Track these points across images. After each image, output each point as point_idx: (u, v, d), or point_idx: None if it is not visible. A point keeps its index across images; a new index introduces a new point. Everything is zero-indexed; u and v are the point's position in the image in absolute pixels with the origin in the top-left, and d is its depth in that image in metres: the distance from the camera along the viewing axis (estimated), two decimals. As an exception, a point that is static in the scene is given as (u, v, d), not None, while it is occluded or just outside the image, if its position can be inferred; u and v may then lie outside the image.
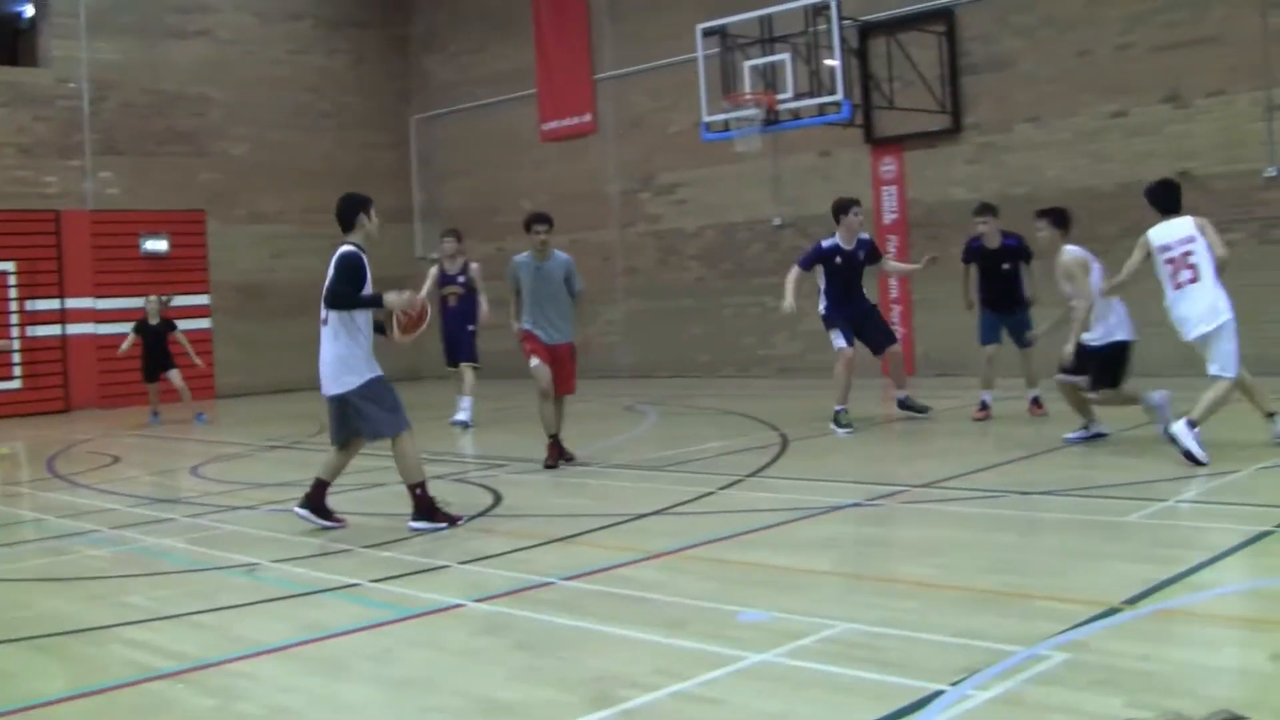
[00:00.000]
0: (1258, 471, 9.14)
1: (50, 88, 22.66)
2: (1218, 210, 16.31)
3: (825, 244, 13.48)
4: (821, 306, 13.66)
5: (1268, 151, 16.08)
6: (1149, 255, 10.30)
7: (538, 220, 11.73)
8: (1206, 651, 5.00)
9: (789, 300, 13.26)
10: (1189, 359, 10.97)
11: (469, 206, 25.92)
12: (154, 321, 18.86)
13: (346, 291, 8.88)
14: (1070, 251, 10.96)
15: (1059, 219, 11.42)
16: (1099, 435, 11.16)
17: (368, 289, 8.94)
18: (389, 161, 26.86)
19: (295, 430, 16.60)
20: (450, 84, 26.42)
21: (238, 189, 24.60)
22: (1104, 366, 10.58)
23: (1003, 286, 13.57)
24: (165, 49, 23.89)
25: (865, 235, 13.73)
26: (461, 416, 15.83)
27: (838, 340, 13.39)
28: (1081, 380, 10.73)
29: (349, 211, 9.29)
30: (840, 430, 12.99)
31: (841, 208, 13.56)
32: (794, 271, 13.56)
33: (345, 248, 9.07)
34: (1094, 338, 10.66)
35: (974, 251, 13.78)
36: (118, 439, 17.19)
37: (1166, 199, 10.37)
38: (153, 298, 19.16)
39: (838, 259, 13.42)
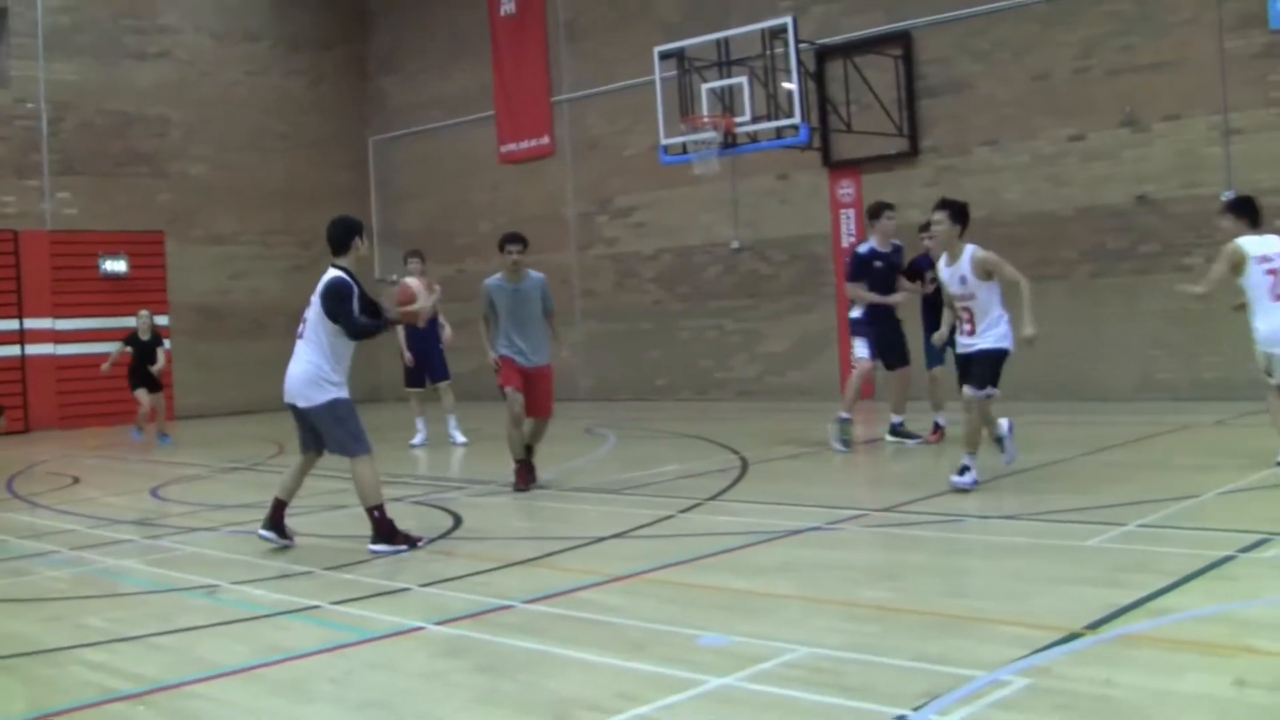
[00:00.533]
0: (1217, 496, 9.17)
1: (8, 107, 22.50)
2: (1176, 233, 16.53)
3: (862, 250, 13.27)
4: (857, 311, 13.42)
5: (1224, 175, 16.22)
6: (1237, 266, 10.08)
7: (511, 240, 11.42)
8: (1168, 677, 5.00)
9: (873, 297, 13.15)
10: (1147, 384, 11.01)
11: (427, 228, 25.86)
12: (145, 337, 18.70)
13: (363, 324, 8.92)
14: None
15: (1241, 209, 10.57)
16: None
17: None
18: (347, 182, 26.77)
19: (255, 452, 16.50)
20: (408, 105, 26.39)
21: (196, 209, 24.49)
22: (994, 370, 10.08)
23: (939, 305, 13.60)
24: (124, 70, 23.80)
25: (898, 241, 13.47)
26: (460, 438, 15.80)
27: (860, 349, 13.27)
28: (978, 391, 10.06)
29: (344, 235, 9.20)
30: (838, 444, 12.89)
31: (874, 211, 13.43)
32: (850, 289, 13.41)
33: (333, 274, 8.97)
34: (986, 343, 10.08)
35: (918, 268, 13.55)
36: (77, 460, 17.06)
37: (1255, 212, 10.29)
38: (144, 313, 18.99)
39: (877, 263, 13.17)
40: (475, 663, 5.83)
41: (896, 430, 13.66)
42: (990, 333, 10.09)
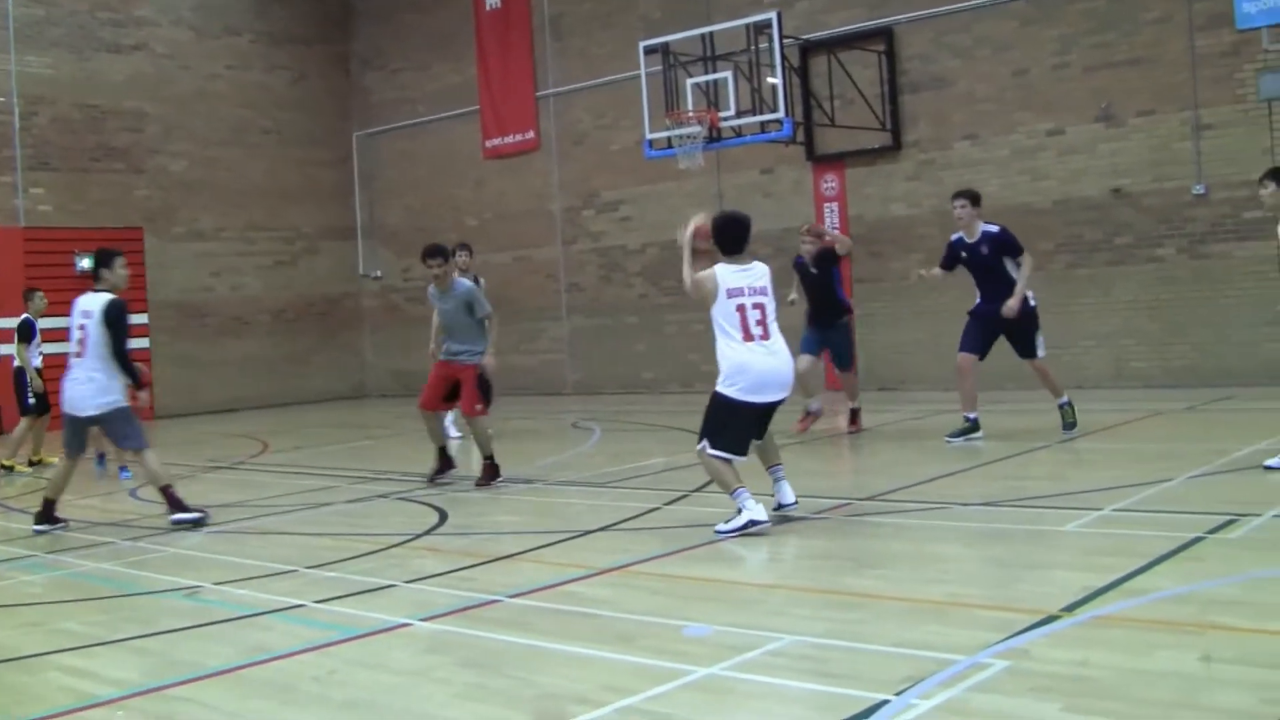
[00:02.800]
0: (1188, 480, 9.30)
1: (-21, 101, 22.11)
2: (1149, 226, 16.71)
3: (952, 238, 12.90)
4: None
5: (1195, 170, 16.40)
6: None
7: (430, 254, 11.98)
8: (1141, 656, 5.10)
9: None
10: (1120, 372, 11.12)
11: (412, 224, 25.88)
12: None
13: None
14: None
15: None
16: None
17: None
18: (331, 179, 26.72)
19: (236, 451, 16.48)
20: (392, 101, 26.37)
21: (176, 206, 24.25)
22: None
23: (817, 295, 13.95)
24: (99, 63, 23.41)
25: (993, 228, 12.58)
26: (455, 433, 15.71)
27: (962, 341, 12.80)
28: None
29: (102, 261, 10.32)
30: (959, 439, 12.40)
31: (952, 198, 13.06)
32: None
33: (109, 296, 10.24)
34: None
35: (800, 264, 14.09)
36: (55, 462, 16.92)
37: None
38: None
39: (963, 253, 12.70)
40: (461, 658, 5.86)
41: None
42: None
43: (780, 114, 17.09)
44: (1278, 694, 4.40)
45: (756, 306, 8.52)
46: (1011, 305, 12.11)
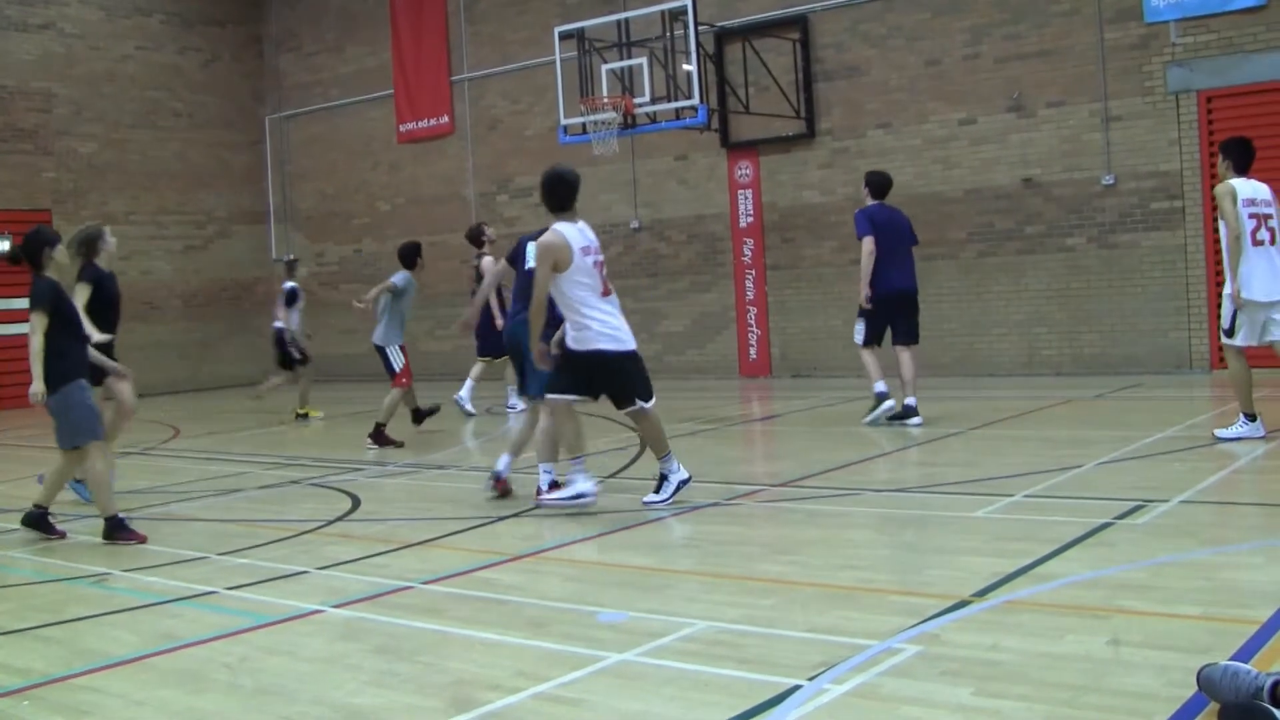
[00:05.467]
0: (1097, 466, 9.45)
1: (-124, 80, 21.51)
2: (1059, 215, 16.95)
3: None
4: None
5: (1104, 160, 16.63)
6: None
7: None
8: (1050, 640, 5.18)
9: None
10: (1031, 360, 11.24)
11: (325, 208, 25.67)
12: None
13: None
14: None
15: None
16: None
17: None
18: (243, 162, 26.37)
19: (148, 437, 16.25)
20: (306, 84, 26.07)
21: (85, 189, 23.78)
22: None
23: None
24: (6, 42, 22.83)
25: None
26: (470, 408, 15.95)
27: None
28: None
29: (35, 250, 9.08)
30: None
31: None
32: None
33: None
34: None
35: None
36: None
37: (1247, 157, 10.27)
38: None
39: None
40: (374, 645, 5.83)
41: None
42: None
43: (695, 100, 17.10)
44: (1183, 676, 4.47)
45: (597, 265, 8.84)
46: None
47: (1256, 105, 15.47)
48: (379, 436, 13.54)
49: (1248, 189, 10.05)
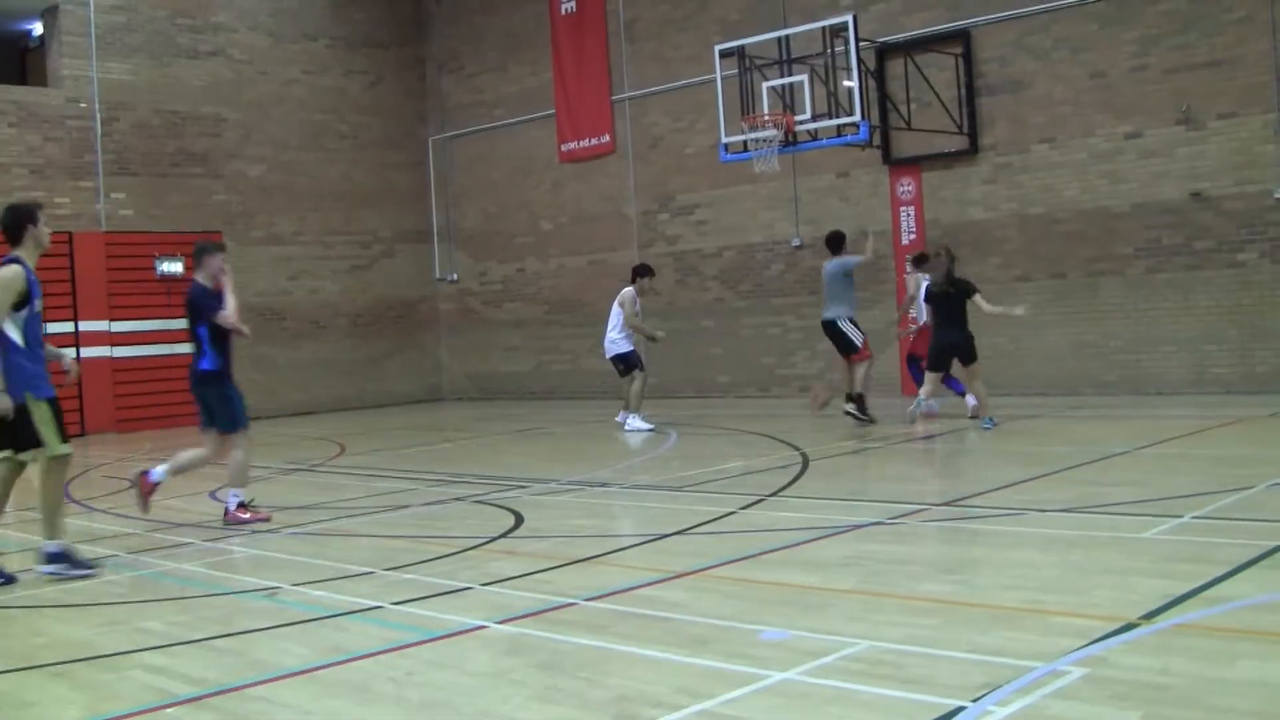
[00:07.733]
0: (1269, 488, 9.17)
1: (61, 108, 22.37)
2: (1229, 230, 16.50)
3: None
4: None
5: (1277, 173, 16.15)
6: None
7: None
8: (1223, 665, 5.04)
9: None
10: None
11: (488, 227, 26.08)
12: None
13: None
14: None
15: None
16: None
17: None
18: (407, 182, 26.94)
19: (314, 453, 16.65)
20: (468, 105, 26.54)
21: (254, 210, 24.53)
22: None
23: None
24: (178, 69, 23.71)
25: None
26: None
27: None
28: None
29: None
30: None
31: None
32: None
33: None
34: None
35: None
36: (135, 463, 17.17)
37: None
38: None
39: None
40: (537, 661, 5.87)
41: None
42: None
43: (856, 117, 17.02)
44: (1362, 705, 4.34)
45: None
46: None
47: None
48: (862, 407, 15.15)
49: None
